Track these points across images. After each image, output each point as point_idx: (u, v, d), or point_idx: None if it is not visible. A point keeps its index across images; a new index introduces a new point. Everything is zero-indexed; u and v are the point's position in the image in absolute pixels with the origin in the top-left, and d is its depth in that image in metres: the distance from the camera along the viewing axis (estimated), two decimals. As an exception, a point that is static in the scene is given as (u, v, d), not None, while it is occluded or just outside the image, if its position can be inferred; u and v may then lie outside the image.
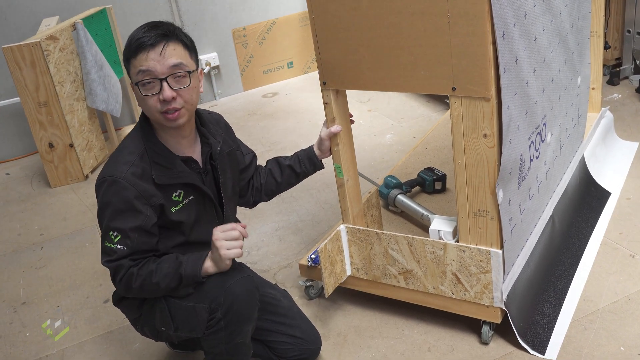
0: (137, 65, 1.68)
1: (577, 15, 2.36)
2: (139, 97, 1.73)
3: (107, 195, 1.72)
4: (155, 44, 1.67)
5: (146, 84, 1.69)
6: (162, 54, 1.67)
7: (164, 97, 1.68)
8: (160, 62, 1.67)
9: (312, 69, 5.37)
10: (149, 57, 1.66)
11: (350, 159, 2.15)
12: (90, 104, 3.97)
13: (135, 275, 1.74)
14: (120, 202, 1.71)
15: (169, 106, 1.70)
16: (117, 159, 1.76)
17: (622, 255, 2.43)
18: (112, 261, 1.74)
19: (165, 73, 1.68)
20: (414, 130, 3.96)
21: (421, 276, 2.11)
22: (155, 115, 1.73)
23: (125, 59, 1.73)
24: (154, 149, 1.77)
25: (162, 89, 1.68)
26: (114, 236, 1.72)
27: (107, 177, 1.72)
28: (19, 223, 3.53)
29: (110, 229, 1.73)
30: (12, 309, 2.73)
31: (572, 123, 2.50)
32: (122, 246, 1.73)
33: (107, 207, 1.72)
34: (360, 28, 1.85)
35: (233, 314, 1.76)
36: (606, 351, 2.00)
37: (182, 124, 1.76)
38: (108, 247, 1.74)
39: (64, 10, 4.36)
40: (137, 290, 1.76)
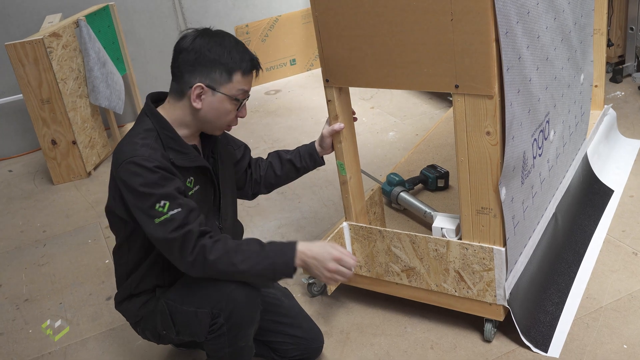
0: (244, 84, 1.77)
1: (580, 12, 2.35)
2: (224, 108, 1.77)
3: (135, 174, 1.66)
4: (257, 69, 1.82)
5: (242, 103, 1.81)
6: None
7: (243, 115, 1.83)
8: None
9: (315, 66, 5.36)
10: (251, 80, 1.80)
11: (353, 156, 2.15)
12: (93, 101, 3.97)
13: (211, 248, 1.66)
14: (151, 176, 1.66)
15: (236, 123, 1.84)
16: (133, 143, 1.71)
17: (625, 253, 2.43)
18: (178, 228, 1.65)
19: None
20: (416, 127, 3.96)
21: (424, 274, 2.11)
22: (224, 126, 1.83)
23: (231, 67, 1.73)
24: (168, 135, 1.77)
25: (243, 107, 1.82)
26: (163, 205, 1.65)
27: (130, 159, 1.67)
28: (21, 220, 3.54)
29: (155, 202, 1.65)
30: (14, 306, 2.74)
31: (575, 121, 2.49)
32: (176, 209, 1.66)
33: (141, 185, 1.65)
34: (363, 25, 1.85)
35: (235, 318, 1.76)
36: (609, 349, 2.00)
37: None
38: (163, 220, 1.65)
39: (67, 7, 4.36)
40: (212, 265, 1.67)
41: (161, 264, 1.85)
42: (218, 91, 1.74)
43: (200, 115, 1.78)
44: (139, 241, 1.82)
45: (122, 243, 1.88)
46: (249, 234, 2.95)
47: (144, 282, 1.88)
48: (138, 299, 1.90)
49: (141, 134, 1.74)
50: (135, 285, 1.88)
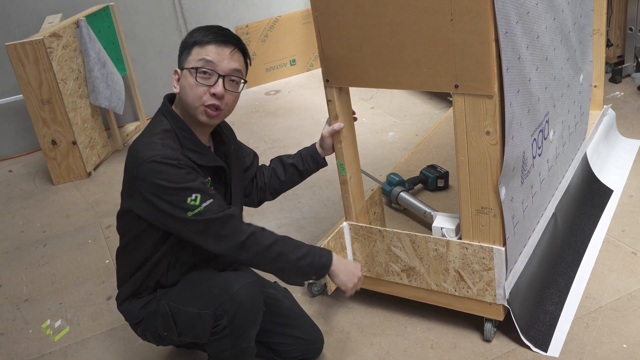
0: (202, 54, 1.73)
1: (579, 13, 2.36)
2: (189, 82, 1.74)
3: (160, 172, 1.66)
4: (229, 43, 1.76)
5: (204, 73, 1.74)
6: (230, 54, 1.76)
7: (216, 91, 1.73)
8: (226, 61, 1.75)
9: (315, 66, 5.37)
10: (218, 51, 1.74)
11: (353, 156, 2.15)
12: (93, 101, 3.97)
13: (261, 234, 1.74)
14: (178, 171, 1.67)
15: (214, 102, 1.75)
16: (152, 143, 1.72)
17: (625, 253, 2.43)
18: (218, 213, 1.69)
19: (225, 72, 1.75)
20: (416, 127, 3.96)
21: (424, 273, 2.11)
22: (196, 104, 1.75)
23: (191, 43, 1.75)
24: (186, 136, 1.78)
25: (216, 83, 1.74)
26: (194, 199, 1.67)
27: (152, 158, 1.67)
28: (21, 220, 3.54)
29: (187, 196, 1.66)
30: (15, 306, 2.74)
31: (574, 120, 2.50)
32: (208, 200, 1.68)
33: (168, 182, 1.66)
34: (363, 25, 1.85)
35: (239, 320, 1.76)
36: (609, 348, 2.00)
37: (214, 124, 1.82)
38: (197, 212, 1.67)
39: (67, 8, 4.36)
40: (265, 250, 1.73)
41: (165, 264, 1.85)
42: (183, 68, 1.77)
43: (180, 100, 1.80)
44: (149, 240, 1.82)
45: (129, 242, 1.86)
46: (249, 234, 2.95)
47: (147, 281, 1.88)
48: (139, 300, 1.90)
49: (159, 134, 1.75)
50: (139, 285, 1.88)
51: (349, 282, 1.87)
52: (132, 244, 1.86)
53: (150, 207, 1.71)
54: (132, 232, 1.84)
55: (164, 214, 1.70)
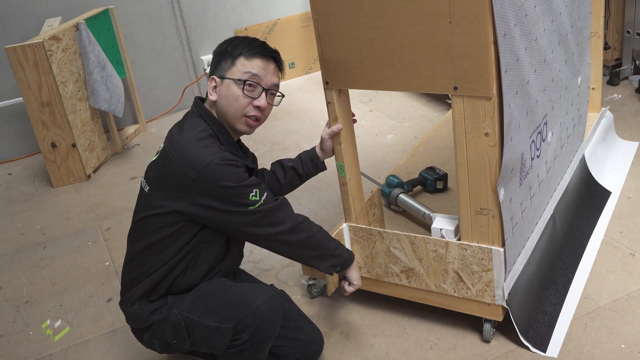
0: (249, 67, 1.83)
1: (577, 15, 2.37)
2: (233, 93, 1.82)
3: (225, 173, 1.73)
4: (273, 60, 1.88)
5: (250, 86, 1.83)
6: (274, 70, 1.89)
7: (260, 104, 1.85)
8: (270, 76, 1.87)
9: (314, 69, 5.38)
10: (265, 66, 1.85)
11: (353, 158, 2.16)
12: (93, 104, 3.98)
13: (309, 222, 1.89)
14: (237, 170, 1.76)
15: (256, 113, 1.86)
16: (203, 146, 1.77)
17: (623, 254, 2.44)
18: (274, 201, 1.81)
19: (269, 86, 1.87)
20: (415, 130, 3.97)
21: (423, 274, 2.12)
22: (238, 115, 1.84)
23: (235, 54, 1.83)
24: (225, 139, 1.87)
25: (260, 96, 1.85)
26: (255, 194, 1.77)
27: (212, 161, 1.72)
28: (21, 222, 3.55)
29: (249, 192, 1.76)
30: (15, 308, 2.75)
31: (572, 122, 2.51)
32: (265, 193, 1.79)
33: (234, 181, 1.74)
34: (362, 28, 1.87)
35: (260, 335, 1.78)
36: (607, 349, 2.01)
37: (250, 133, 1.91)
38: (259, 205, 1.77)
39: (66, 11, 4.37)
40: (314, 235, 1.88)
41: (185, 265, 1.86)
42: (225, 77, 1.83)
43: (218, 108, 1.86)
44: (177, 241, 1.83)
45: (154, 244, 1.85)
46: (248, 236, 2.96)
47: (163, 281, 1.87)
48: (151, 304, 1.89)
49: (206, 139, 1.80)
50: (155, 284, 1.87)
51: (359, 280, 2.02)
52: (155, 245, 1.84)
53: (207, 209, 1.76)
54: (160, 234, 1.82)
55: (223, 212, 1.76)
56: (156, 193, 1.82)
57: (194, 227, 1.82)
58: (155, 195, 1.82)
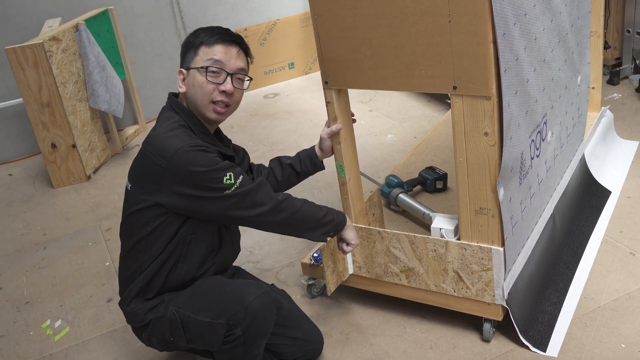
0: (211, 54, 1.82)
1: (577, 14, 2.37)
2: (198, 81, 1.82)
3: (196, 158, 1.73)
4: (235, 43, 1.87)
5: (213, 72, 1.82)
6: (237, 54, 1.86)
7: (226, 88, 1.83)
8: (233, 60, 1.85)
9: (313, 69, 5.38)
10: (226, 51, 1.84)
11: (352, 157, 2.16)
12: (93, 105, 3.98)
13: (292, 198, 1.86)
14: (209, 155, 1.76)
15: (223, 98, 1.84)
16: (174, 135, 1.77)
17: (623, 253, 2.44)
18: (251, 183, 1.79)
19: (233, 70, 1.85)
20: (414, 130, 3.97)
21: (423, 274, 2.12)
22: (205, 102, 1.83)
23: (197, 43, 1.83)
24: (201, 130, 1.86)
25: (225, 81, 1.83)
26: (229, 177, 1.75)
27: (181, 148, 1.72)
28: (22, 223, 3.55)
29: (223, 176, 1.74)
30: (15, 309, 2.75)
31: (572, 122, 2.51)
32: (241, 176, 1.77)
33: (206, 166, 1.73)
34: (362, 27, 1.87)
35: (252, 331, 1.78)
36: (607, 348, 2.01)
37: (222, 120, 1.89)
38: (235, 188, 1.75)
39: (66, 12, 4.37)
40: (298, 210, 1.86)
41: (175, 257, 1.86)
42: (190, 68, 1.84)
43: (188, 99, 1.87)
44: (163, 235, 1.83)
45: (141, 240, 1.86)
46: (248, 236, 2.96)
47: (156, 277, 1.87)
48: (147, 302, 1.90)
49: (177, 129, 1.80)
50: (148, 280, 1.87)
51: (357, 238, 2.04)
52: (143, 241, 1.86)
53: (182, 198, 1.76)
54: (146, 229, 1.84)
55: (199, 199, 1.75)
56: (136, 189, 1.85)
57: (178, 219, 1.82)
58: (136, 191, 1.85)
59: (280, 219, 1.84)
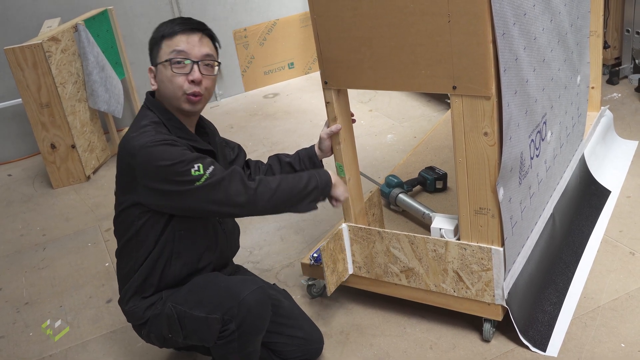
0: (173, 45, 1.79)
1: (577, 14, 2.37)
2: (166, 75, 1.78)
3: (159, 153, 1.69)
4: (196, 30, 1.83)
5: (178, 63, 1.78)
6: (200, 40, 1.82)
7: (194, 77, 1.78)
8: (197, 48, 1.81)
9: (313, 69, 5.38)
10: (188, 40, 1.80)
11: (352, 158, 2.16)
12: (92, 105, 3.98)
13: (267, 179, 1.78)
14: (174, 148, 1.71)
15: (195, 89, 1.80)
16: (144, 132, 1.75)
17: (622, 253, 2.44)
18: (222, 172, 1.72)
19: (198, 57, 1.80)
20: (414, 130, 3.97)
21: (423, 274, 2.12)
22: (178, 94, 1.80)
23: (159, 39, 1.81)
24: (175, 125, 1.84)
25: (192, 70, 1.79)
26: (198, 168, 1.70)
27: (146, 144, 1.70)
28: (21, 224, 3.55)
29: (190, 168, 1.69)
30: (15, 309, 2.75)
31: (572, 122, 2.51)
32: (211, 166, 1.72)
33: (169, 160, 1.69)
34: (361, 27, 1.86)
35: (247, 325, 1.77)
36: (607, 348, 2.01)
37: (198, 110, 1.85)
38: (205, 179, 1.69)
39: (65, 12, 4.37)
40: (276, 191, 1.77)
41: (167, 254, 1.86)
42: (157, 63, 1.82)
43: (161, 95, 1.84)
44: (150, 233, 1.83)
45: (130, 239, 1.87)
46: (248, 236, 2.96)
47: (151, 275, 1.88)
48: (145, 300, 1.90)
49: (150, 125, 1.78)
50: (143, 279, 1.88)
51: (345, 192, 1.98)
52: (133, 240, 1.87)
53: (156, 194, 1.74)
54: (133, 229, 1.85)
55: (172, 194, 1.72)
56: (118, 190, 1.86)
57: (162, 217, 1.82)
58: (118, 192, 1.87)
59: (261, 206, 1.77)
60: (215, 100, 5.12)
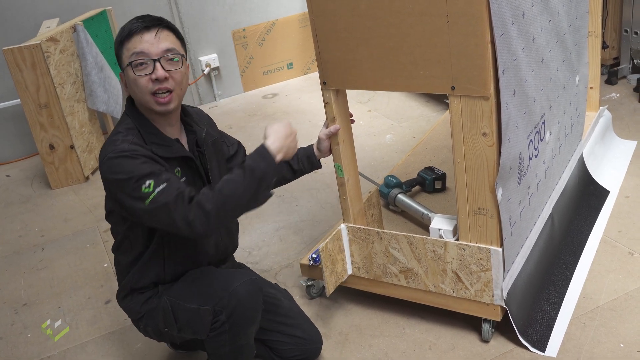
0: (131, 48, 1.73)
1: (575, 14, 2.37)
2: (131, 78, 1.74)
3: (116, 165, 1.67)
4: (150, 27, 1.75)
5: (139, 65, 1.72)
6: (156, 36, 1.74)
7: (157, 75, 1.72)
8: (155, 45, 1.73)
9: (312, 69, 5.38)
10: (144, 39, 1.73)
11: (351, 158, 2.16)
12: (91, 106, 3.98)
13: (204, 198, 1.63)
14: (131, 161, 1.66)
15: (160, 85, 1.73)
16: (114, 141, 1.73)
17: (621, 253, 2.44)
18: (169, 196, 1.63)
19: (159, 54, 1.74)
20: (413, 130, 3.97)
21: (422, 275, 2.12)
22: (147, 97, 1.74)
23: (118, 45, 1.76)
24: (148, 131, 1.78)
25: (155, 68, 1.72)
26: (148, 185, 1.64)
27: (110, 154, 1.68)
28: (20, 224, 3.54)
29: (141, 184, 1.64)
30: (13, 310, 2.74)
31: (570, 122, 2.51)
32: (162, 185, 1.64)
33: (123, 173, 1.66)
34: (360, 28, 1.86)
35: (237, 316, 1.77)
36: (606, 348, 2.01)
37: (172, 109, 1.78)
38: (153, 198, 1.63)
39: (64, 12, 4.37)
40: (212, 211, 1.63)
41: (160, 257, 1.86)
42: (123, 68, 1.77)
43: (134, 99, 1.81)
44: (138, 236, 1.84)
45: (122, 240, 1.89)
46: (247, 236, 2.96)
47: (144, 276, 1.88)
48: (141, 295, 1.91)
49: (122, 132, 1.76)
50: (137, 280, 1.89)
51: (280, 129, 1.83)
52: (124, 242, 1.89)
53: (117, 204, 1.75)
54: (121, 231, 1.87)
55: (128, 208, 1.70)
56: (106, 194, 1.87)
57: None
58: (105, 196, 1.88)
59: (213, 223, 1.66)
60: (214, 101, 5.12)
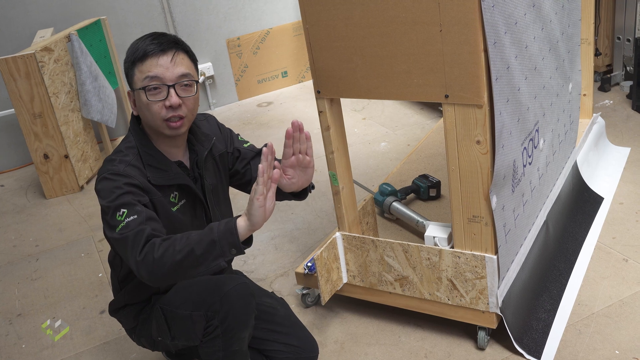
0: (145, 71, 1.69)
1: (568, 22, 2.38)
2: (143, 102, 1.71)
3: (103, 188, 1.68)
4: (167, 51, 1.70)
5: (153, 90, 1.69)
6: (172, 61, 1.70)
7: (171, 103, 1.69)
8: (170, 70, 1.69)
9: (307, 78, 5.39)
10: (159, 63, 1.69)
11: (345, 166, 2.16)
12: (85, 115, 3.97)
13: (158, 245, 1.57)
14: (115, 187, 1.67)
15: (174, 113, 1.71)
16: (112, 160, 1.74)
17: (616, 260, 2.45)
18: (131, 230, 1.60)
19: (173, 80, 1.70)
20: (408, 138, 3.98)
21: (417, 282, 2.12)
22: (158, 122, 1.72)
23: (130, 63, 1.72)
24: (148, 152, 1.77)
25: (169, 95, 1.69)
26: (122, 214, 1.63)
27: (103, 175, 1.70)
28: (14, 234, 3.53)
29: (115, 211, 1.64)
30: (7, 321, 2.73)
31: (564, 129, 2.52)
32: (132, 216, 1.62)
33: (105, 197, 1.67)
34: (353, 37, 1.87)
35: (230, 320, 1.76)
36: (601, 355, 2.01)
37: (182, 132, 1.77)
38: (121, 227, 1.62)
39: (58, 22, 4.37)
40: (157, 261, 1.56)
41: None
42: (134, 89, 1.73)
43: (142, 119, 1.79)
44: None
45: (115, 255, 1.91)
46: (242, 245, 2.95)
47: (139, 294, 1.89)
48: (134, 307, 1.91)
49: (123, 152, 1.76)
50: (130, 297, 1.90)
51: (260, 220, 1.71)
52: (116, 257, 1.90)
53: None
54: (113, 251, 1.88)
55: (104, 232, 1.72)
56: None
57: None
58: None
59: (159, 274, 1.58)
60: (208, 109, 5.12)
